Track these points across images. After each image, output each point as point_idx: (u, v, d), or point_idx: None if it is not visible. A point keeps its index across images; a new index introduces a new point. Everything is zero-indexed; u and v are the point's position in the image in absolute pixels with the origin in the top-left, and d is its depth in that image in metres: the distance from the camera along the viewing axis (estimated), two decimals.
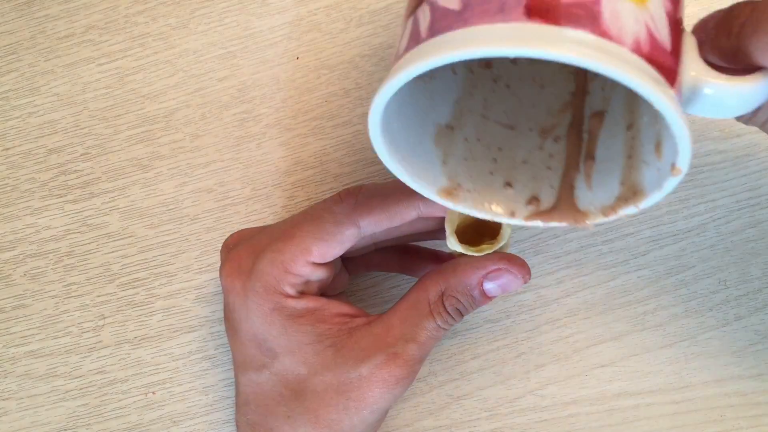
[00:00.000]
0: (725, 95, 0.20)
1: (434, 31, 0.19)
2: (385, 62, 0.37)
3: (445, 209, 0.27)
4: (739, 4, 0.21)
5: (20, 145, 0.38)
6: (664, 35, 0.19)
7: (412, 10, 0.21)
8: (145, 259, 0.37)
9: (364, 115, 0.37)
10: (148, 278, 0.37)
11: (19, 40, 0.39)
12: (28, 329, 0.37)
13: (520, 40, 0.17)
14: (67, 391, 0.36)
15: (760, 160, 0.35)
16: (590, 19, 0.18)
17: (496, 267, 0.26)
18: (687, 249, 0.35)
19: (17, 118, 0.38)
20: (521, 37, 0.17)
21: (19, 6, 0.39)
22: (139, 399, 0.36)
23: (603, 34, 0.18)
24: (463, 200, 0.25)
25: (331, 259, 0.28)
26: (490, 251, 0.27)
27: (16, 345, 0.37)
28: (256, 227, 0.32)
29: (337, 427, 0.27)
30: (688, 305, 0.35)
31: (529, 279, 0.27)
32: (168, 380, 0.36)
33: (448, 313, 0.27)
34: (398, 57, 0.20)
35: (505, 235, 0.27)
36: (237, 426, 0.30)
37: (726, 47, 0.21)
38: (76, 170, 0.38)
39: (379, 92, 0.20)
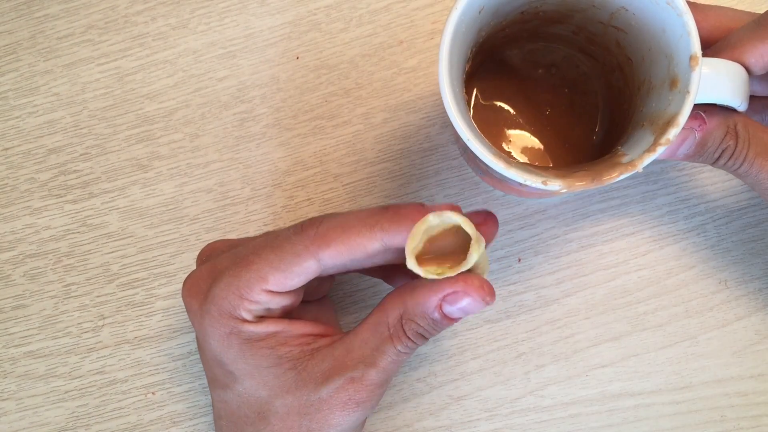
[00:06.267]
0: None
1: None
2: (385, 62, 0.37)
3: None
4: None
5: (20, 145, 0.38)
6: None
7: None
8: (145, 259, 0.37)
9: (364, 115, 0.37)
10: (147, 278, 0.37)
11: (19, 39, 0.38)
12: (28, 329, 0.37)
13: None
14: (66, 392, 0.36)
15: None
16: None
17: (452, 290, 0.25)
18: (687, 249, 0.35)
19: (17, 117, 0.38)
20: None
21: (19, 6, 0.39)
22: (138, 399, 0.36)
23: None
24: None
25: (291, 289, 0.27)
26: (441, 277, 0.24)
27: (16, 345, 0.37)
28: (232, 240, 0.31)
29: None
30: (688, 305, 0.35)
31: (492, 301, 0.25)
32: (168, 380, 0.36)
33: (408, 337, 0.26)
34: None
35: (470, 260, 0.24)
36: None
37: None
38: (75, 170, 0.38)
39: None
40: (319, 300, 0.33)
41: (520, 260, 0.35)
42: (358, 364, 0.26)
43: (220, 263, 0.28)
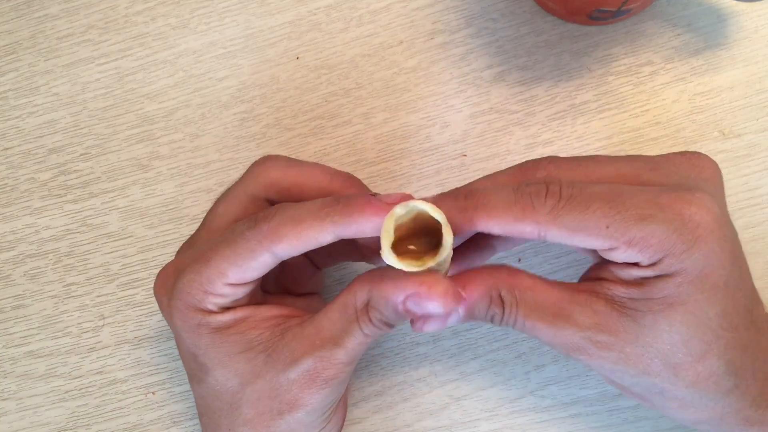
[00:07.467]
0: None
1: None
2: (385, 62, 0.37)
3: (360, 231, 0.26)
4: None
5: (20, 145, 0.38)
6: None
7: None
8: (145, 259, 0.37)
9: (364, 115, 0.37)
10: (148, 278, 0.37)
11: (19, 39, 0.38)
12: (28, 329, 0.37)
13: None
14: (66, 392, 0.36)
15: (760, 160, 0.35)
16: None
17: (414, 291, 0.25)
18: None
19: (17, 117, 0.38)
20: None
21: (19, 6, 0.39)
22: (138, 399, 0.36)
23: None
24: None
25: (251, 280, 0.27)
26: (421, 269, 0.25)
27: (16, 345, 0.37)
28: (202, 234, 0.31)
29: (275, 431, 0.27)
30: None
31: (458, 306, 0.26)
32: (168, 380, 0.36)
33: (372, 323, 0.26)
34: None
35: (443, 253, 0.25)
36: None
37: None
38: (75, 170, 0.38)
39: None
40: (309, 294, 0.33)
41: (520, 260, 0.35)
42: (327, 344, 0.27)
43: (183, 259, 0.29)
